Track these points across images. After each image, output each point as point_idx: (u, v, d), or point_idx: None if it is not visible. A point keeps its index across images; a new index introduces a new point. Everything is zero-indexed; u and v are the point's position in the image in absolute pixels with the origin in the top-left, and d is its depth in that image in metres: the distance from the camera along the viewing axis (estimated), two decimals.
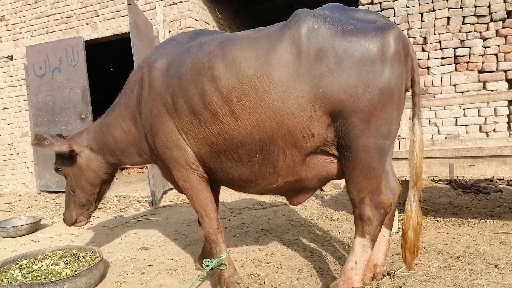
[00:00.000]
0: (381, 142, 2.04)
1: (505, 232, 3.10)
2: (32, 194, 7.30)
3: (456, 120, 4.78)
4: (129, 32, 6.07)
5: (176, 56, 2.39)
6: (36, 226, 4.53)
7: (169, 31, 6.06)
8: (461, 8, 4.65)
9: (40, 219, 4.62)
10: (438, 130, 4.83)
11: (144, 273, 2.96)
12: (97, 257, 2.95)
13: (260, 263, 2.94)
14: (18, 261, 2.86)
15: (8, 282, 2.53)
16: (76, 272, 2.61)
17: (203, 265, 2.34)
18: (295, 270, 2.75)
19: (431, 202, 4.25)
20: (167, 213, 4.92)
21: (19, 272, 2.67)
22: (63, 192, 6.96)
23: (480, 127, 4.73)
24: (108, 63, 10.56)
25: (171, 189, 6.24)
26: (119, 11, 6.39)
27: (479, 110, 4.68)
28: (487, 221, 3.45)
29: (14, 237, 4.31)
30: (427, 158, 3.16)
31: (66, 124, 6.80)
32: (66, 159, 2.92)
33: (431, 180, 4.95)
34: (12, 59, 7.24)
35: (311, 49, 2.00)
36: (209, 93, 2.13)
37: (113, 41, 6.76)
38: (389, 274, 2.46)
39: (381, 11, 4.95)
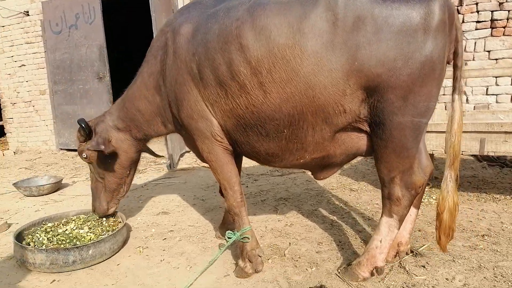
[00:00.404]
0: (418, 120, 1.93)
1: None
2: (51, 151, 7.42)
3: (487, 89, 4.55)
4: None
5: (202, 21, 2.26)
6: (57, 186, 4.62)
7: None
8: None
9: (61, 179, 4.70)
10: (467, 99, 4.62)
11: (165, 239, 3.00)
12: (120, 222, 2.99)
13: (279, 233, 2.95)
14: (43, 224, 2.92)
15: (35, 245, 2.59)
16: (100, 238, 2.66)
17: (226, 237, 2.34)
18: (315, 242, 2.74)
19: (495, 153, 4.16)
20: (185, 177, 4.95)
21: (45, 236, 2.73)
22: None
23: None
24: (126, 19, 10.28)
25: (188, 151, 6.25)
26: None
27: None
28: None
29: (36, 196, 4.41)
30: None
31: (84, 83, 6.76)
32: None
33: None
34: (28, 15, 7.10)
35: (348, 16, 1.85)
36: (236, 63, 2.02)
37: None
38: (412, 252, 2.44)
39: None
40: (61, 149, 7.33)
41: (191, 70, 2.23)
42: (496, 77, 4.50)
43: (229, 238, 2.32)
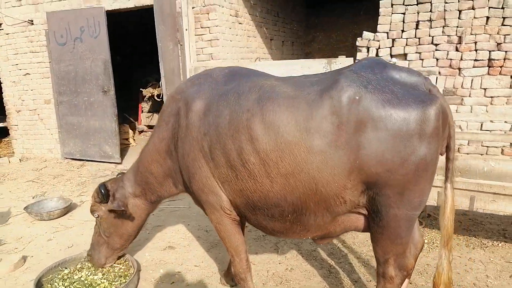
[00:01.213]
0: (411, 213, 2.11)
1: None
2: (57, 160, 7.58)
3: (482, 124, 4.72)
4: (152, 4, 5.92)
5: (214, 100, 2.40)
6: (67, 210, 4.81)
7: (192, 7, 5.86)
8: (502, 8, 4.38)
9: (71, 203, 4.88)
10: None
11: (173, 282, 3.21)
12: (131, 266, 3.19)
13: (280, 280, 3.16)
14: (60, 271, 3.11)
15: None
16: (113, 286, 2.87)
17: None
18: None
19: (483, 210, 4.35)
20: (189, 200, 5.12)
21: (62, 284, 2.93)
22: (86, 160, 7.24)
23: (506, 133, 4.68)
24: (131, 34, 10.31)
25: None
26: None
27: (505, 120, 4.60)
28: (500, 244, 3.57)
29: (47, 220, 4.60)
30: None
31: (89, 96, 6.87)
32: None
33: None
34: (32, 24, 7.14)
35: (351, 120, 2.00)
36: (246, 153, 2.18)
37: (135, 11, 6.57)
38: None
39: (417, 4, 4.69)
40: (65, 158, 7.48)
41: (202, 148, 2.38)
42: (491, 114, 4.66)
43: None
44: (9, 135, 8.19)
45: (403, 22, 4.82)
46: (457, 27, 4.58)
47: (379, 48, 5.01)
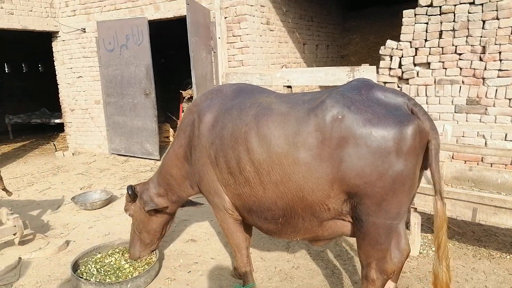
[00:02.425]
0: (389, 222, 2.31)
1: None
2: (104, 155, 8.32)
3: (506, 135, 4.66)
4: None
5: (221, 114, 2.74)
6: (108, 201, 5.39)
7: (225, 17, 6.24)
8: None
9: (111, 195, 5.46)
10: (486, 143, 4.76)
11: (190, 272, 3.60)
12: (154, 255, 3.61)
13: (286, 276, 3.44)
14: (94, 255, 3.60)
15: (86, 276, 3.28)
16: (137, 274, 3.30)
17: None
18: None
19: (463, 222, 4.39)
20: None
21: (94, 266, 3.42)
22: (130, 156, 7.90)
23: None
24: (176, 38, 10.96)
25: None
26: None
27: None
28: (508, 256, 3.60)
29: (90, 210, 5.20)
30: (453, 198, 3.32)
31: (133, 98, 7.49)
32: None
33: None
34: (85, 32, 7.88)
35: (333, 137, 2.24)
36: (243, 161, 2.49)
37: (175, 20, 7.06)
38: None
39: (440, 15, 4.71)
40: (112, 153, 8.19)
41: (209, 155, 2.73)
42: None
43: None
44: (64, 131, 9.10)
45: (426, 31, 4.86)
46: (481, 37, 4.56)
47: (402, 56, 5.09)
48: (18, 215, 4.05)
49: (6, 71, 12.75)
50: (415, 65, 5.05)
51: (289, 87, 5.89)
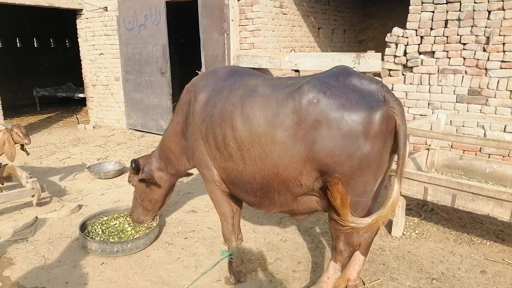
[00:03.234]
0: (356, 199, 2.52)
1: (492, 260, 3.42)
2: (122, 130, 8.75)
3: (505, 127, 4.69)
4: None
5: (213, 94, 2.98)
6: (120, 171, 5.77)
7: (238, 0, 6.39)
8: None
9: (124, 166, 5.84)
10: (485, 134, 4.81)
11: (186, 238, 3.92)
12: (155, 221, 3.95)
13: (272, 247, 3.72)
14: (100, 218, 3.98)
15: (92, 235, 3.65)
16: (136, 236, 3.65)
17: (220, 254, 3.18)
18: (296, 261, 3.47)
19: (452, 209, 4.51)
20: None
21: (100, 228, 3.79)
22: (146, 132, 8.28)
23: None
24: (192, 21, 11.19)
25: None
26: None
27: None
28: (489, 243, 3.74)
29: (104, 179, 5.60)
30: (434, 184, 3.48)
31: (150, 76, 7.81)
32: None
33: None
34: (107, 10, 8.20)
35: (308, 119, 2.44)
36: (228, 138, 2.74)
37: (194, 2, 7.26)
38: (363, 283, 3.08)
39: (446, 3, 4.73)
40: (129, 128, 8.60)
41: (201, 131, 2.99)
42: None
43: (222, 254, 3.16)
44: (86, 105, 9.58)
45: (432, 20, 4.90)
46: (486, 27, 4.58)
47: (407, 44, 5.15)
48: (36, 179, 4.46)
49: (35, 46, 13.32)
50: (419, 53, 5.11)
51: (297, 71, 6.06)
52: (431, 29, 4.94)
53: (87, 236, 3.62)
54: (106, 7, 8.19)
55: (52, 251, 3.63)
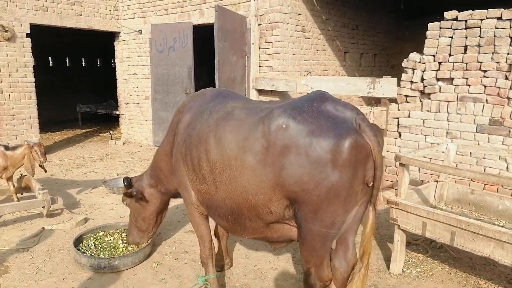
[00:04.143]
0: (324, 231, 2.39)
1: None
2: (149, 146, 9.04)
3: None
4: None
5: (195, 115, 3.00)
6: None
7: (259, 24, 6.49)
8: None
9: None
10: (507, 167, 4.43)
11: (177, 259, 3.91)
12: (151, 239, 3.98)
13: (260, 275, 3.60)
14: (96, 233, 4.07)
15: (84, 250, 3.74)
16: (124, 253, 3.69)
17: (197, 277, 3.12)
18: None
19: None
20: None
21: (93, 243, 3.88)
22: None
23: None
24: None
25: None
26: (222, 0, 7.02)
27: None
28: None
29: (117, 194, 5.77)
30: (432, 219, 3.23)
31: (176, 95, 8.07)
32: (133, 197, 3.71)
33: None
34: (141, 33, 8.65)
35: (277, 144, 2.38)
36: (203, 160, 2.73)
37: None
38: None
39: (465, 29, 4.48)
40: (155, 145, 8.87)
41: (181, 152, 3.00)
42: None
43: (198, 278, 3.10)
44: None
45: (450, 46, 4.67)
46: (508, 54, 4.28)
47: (424, 70, 4.93)
48: (47, 191, 4.69)
49: (83, 65, 14.29)
50: (437, 80, 4.87)
51: None
52: (450, 55, 4.70)
53: (79, 250, 3.71)
54: (141, 30, 8.64)
55: (46, 263, 3.76)
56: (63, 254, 3.92)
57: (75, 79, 13.91)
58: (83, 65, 14.36)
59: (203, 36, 7.48)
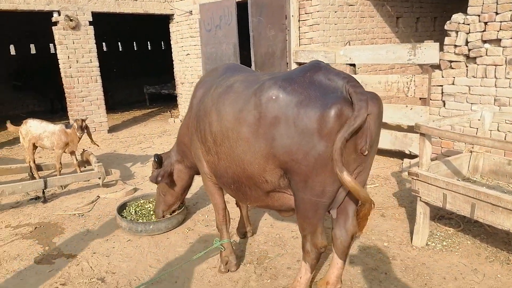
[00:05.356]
0: (315, 199, 2.45)
1: None
2: None
3: None
4: None
5: (206, 90, 3.16)
6: None
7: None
8: None
9: None
10: None
11: (207, 225, 4.21)
12: (184, 209, 4.32)
13: (280, 243, 3.75)
14: (138, 200, 4.52)
15: (126, 216, 4.19)
16: (158, 220, 4.07)
17: (213, 242, 3.36)
18: (296, 259, 3.45)
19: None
20: None
21: (134, 209, 4.32)
22: None
23: None
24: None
25: None
26: None
27: None
28: None
29: None
30: (452, 191, 3.08)
31: None
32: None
33: None
34: (191, 14, 8.96)
35: (268, 115, 2.46)
36: (207, 132, 2.90)
37: None
38: None
39: None
40: None
41: (194, 126, 3.20)
42: None
43: (214, 243, 3.34)
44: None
45: (497, 3, 4.21)
46: None
47: (469, 32, 4.52)
48: (102, 163, 5.27)
49: (149, 48, 15.18)
50: (483, 42, 4.45)
51: (352, 65, 5.82)
52: (496, 13, 4.25)
53: (122, 215, 4.17)
54: (191, 11, 8.96)
55: (96, 226, 4.29)
56: (110, 219, 4.44)
57: (142, 62, 14.88)
58: (149, 49, 15.26)
59: (240, 13, 7.54)
